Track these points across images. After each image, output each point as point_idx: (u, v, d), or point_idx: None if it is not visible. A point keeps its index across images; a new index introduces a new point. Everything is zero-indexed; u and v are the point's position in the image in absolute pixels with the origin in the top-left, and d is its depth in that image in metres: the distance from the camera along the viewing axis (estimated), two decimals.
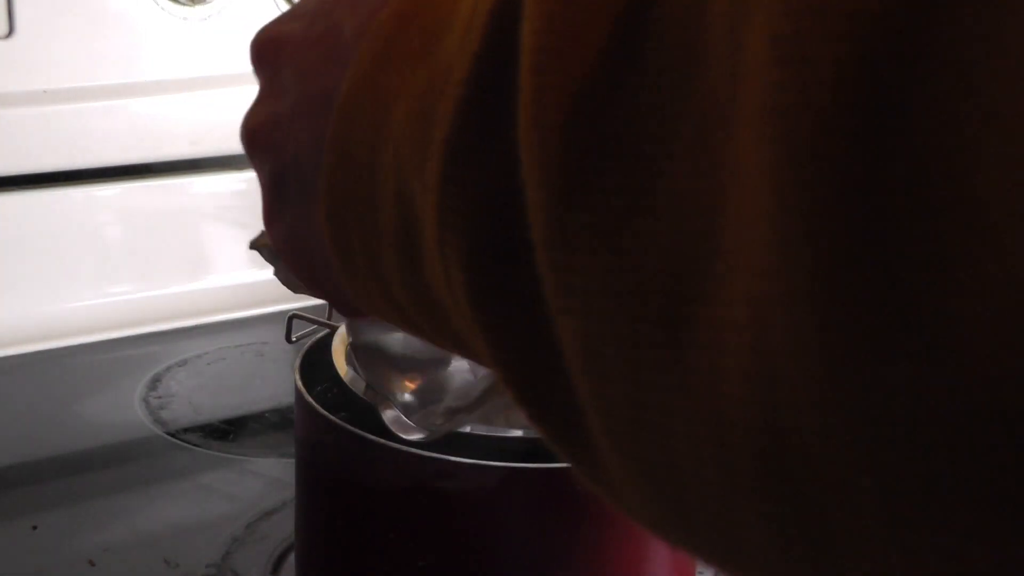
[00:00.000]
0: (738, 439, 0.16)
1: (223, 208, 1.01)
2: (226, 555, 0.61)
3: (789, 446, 0.15)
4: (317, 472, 0.51)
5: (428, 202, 0.21)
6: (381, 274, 0.25)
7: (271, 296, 0.98)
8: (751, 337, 0.15)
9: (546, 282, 0.18)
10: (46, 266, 0.92)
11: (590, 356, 0.18)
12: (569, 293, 0.18)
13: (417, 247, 0.23)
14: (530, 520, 0.46)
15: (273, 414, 0.80)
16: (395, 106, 0.23)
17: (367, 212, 0.25)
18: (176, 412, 0.79)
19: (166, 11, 0.93)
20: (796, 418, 0.15)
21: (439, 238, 0.21)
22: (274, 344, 0.91)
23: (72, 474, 0.72)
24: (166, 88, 0.95)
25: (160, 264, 0.98)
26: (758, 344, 0.15)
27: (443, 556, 0.46)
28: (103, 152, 0.94)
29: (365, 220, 0.25)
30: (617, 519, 0.47)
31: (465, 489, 0.45)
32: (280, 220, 0.31)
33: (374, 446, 0.45)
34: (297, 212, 0.30)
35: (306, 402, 0.48)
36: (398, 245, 0.24)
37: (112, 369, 0.87)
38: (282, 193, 0.30)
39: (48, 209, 0.92)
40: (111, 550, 0.61)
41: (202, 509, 0.67)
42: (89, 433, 0.76)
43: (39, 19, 0.87)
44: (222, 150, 1.00)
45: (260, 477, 0.71)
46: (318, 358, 0.53)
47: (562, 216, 0.18)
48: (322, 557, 0.51)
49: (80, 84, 0.91)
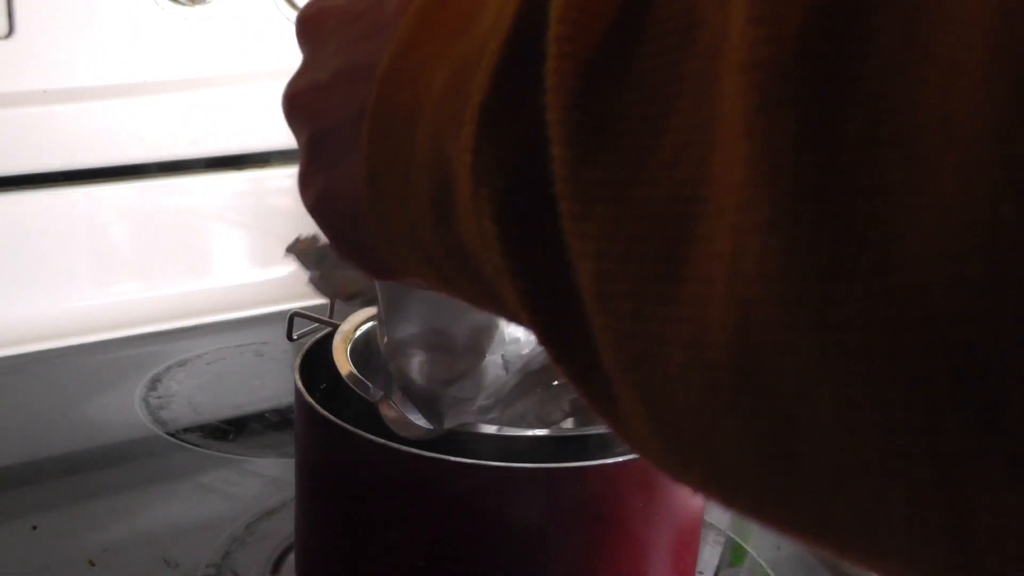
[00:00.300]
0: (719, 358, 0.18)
1: (223, 208, 1.02)
2: (226, 555, 0.61)
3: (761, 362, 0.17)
4: (317, 472, 0.51)
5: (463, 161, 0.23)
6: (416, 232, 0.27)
7: (271, 296, 0.98)
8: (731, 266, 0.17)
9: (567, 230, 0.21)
10: (46, 266, 0.92)
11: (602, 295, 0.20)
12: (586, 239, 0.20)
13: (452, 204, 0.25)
14: (530, 520, 0.46)
15: (273, 414, 0.80)
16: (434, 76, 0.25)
17: (405, 173, 0.27)
18: (176, 412, 0.79)
19: (166, 11, 0.93)
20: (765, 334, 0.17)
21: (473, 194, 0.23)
22: (274, 344, 0.91)
23: (72, 474, 0.72)
24: (166, 88, 0.95)
25: (160, 264, 0.98)
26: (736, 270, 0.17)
27: (443, 556, 0.46)
28: (103, 152, 0.94)
29: (403, 181, 0.27)
30: (617, 519, 0.47)
31: (465, 489, 0.45)
32: (315, 183, 0.33)
33: (374, 446, 0.45)
34: (333, 175, 0.32)
35: (306, 402, 0.48)
36: (434, 203, 0.26)
37: (112, 369, 0.87)
38: (319, 156, 0.32)
39: (48, 209, 0.92)
40: (111, 550, 0.61)
41: (202, 509, 0.67)
42: (89, 433, 0.76)
43: (39, 19, 0.87)
44: (222, 150, 1.00)
45: (260, 477, 0.71)
46: (318, 358, 0.53)
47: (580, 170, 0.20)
48: (322, 557, 0.51)
49: (80, 84, 0.91)
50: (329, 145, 0.32)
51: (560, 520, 0.45)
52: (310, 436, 0.50)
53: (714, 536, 0.67)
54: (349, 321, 0.54)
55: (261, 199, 1.04)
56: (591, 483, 0.45)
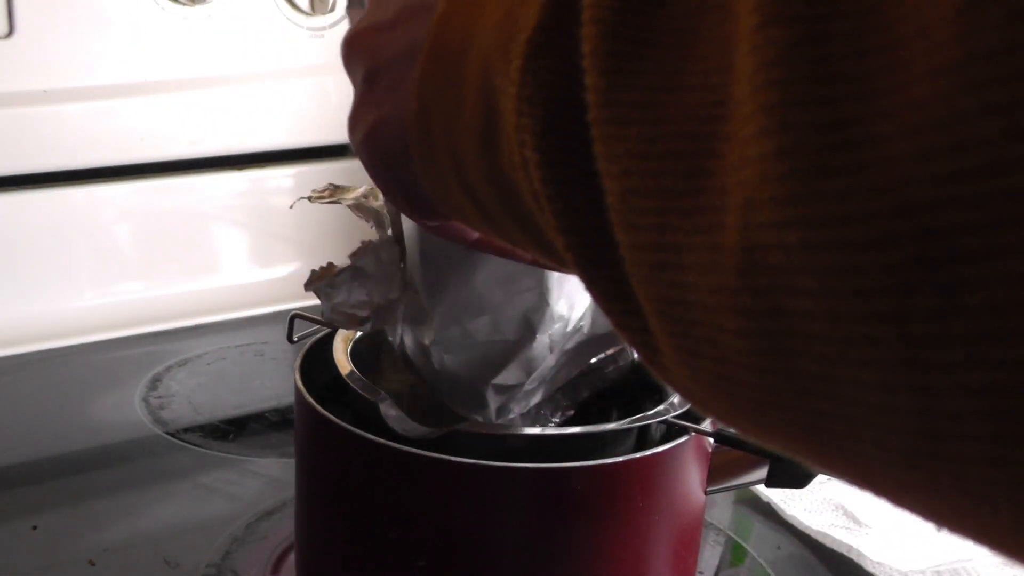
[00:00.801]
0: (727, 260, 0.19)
1: (223, 208, 1.02)
2: (226, 555, 0.61)
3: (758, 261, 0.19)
4: (317, 472, 0.51)
5: (509, 93, 0.25)
6: (461, 165, 0.29)
7: (271, 296, 0.98)
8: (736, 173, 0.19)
9: (598, 154, 0.22)
10: (46, 266, 0.92)
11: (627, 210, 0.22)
12: (614, 160, 0.22)
13: (497, 135, 0.27)
14: (530, 520, 0.46)
15: (273, 414, 0.80)
16: (485, 16, 0.28)
17: (454, 107, 0.29)
18: (176, 412, 0.79)
19: (166, 11, 0.93)
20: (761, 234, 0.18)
21: (517, 124, 0.25)
22: (274, 344, 0.91)
23: (72, 474, 0.72)
24: (166, 88, 0.95)
25: (160, 264, 0.98)
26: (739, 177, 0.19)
27: (443, 556, 0.46)
28: (103, 152, 0.94)
29: (451, 115, 0.29)
30: (617, 519, 0.47)
31: (465, 489, 0.45)
32: (365, 118, 0.35)
33: (374, 446, 0.45)
34: (383, 109, 0.34)
35: (306, 402, 0.48)
36: (480, 135, 0.28)
37: (112, 369, 0.87)
38: (372, 92, 0.35)
39: (48, 209, 0.92)
40: (111, 550, 0.61)
41: (202, 509, 0.67)
42: (89, 433, 0.76)
43: (39, 19, 0.87)
44: (222, 150, 1.00)
45: (260, 477, 0.71)
46: (318, 358, 0.53)
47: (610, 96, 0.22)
48: (322, 557, 0.51)
49: (80, 84, 0.91)
50: (383, 81, 0.34)
51: (560, 520, 0.45)
52: (310, 436, 0.50)
53: (714, 536, 0.67)
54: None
55: (261, 199, 1.04)
56: (591, 483, 0.45)
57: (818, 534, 0.68)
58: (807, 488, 0.52)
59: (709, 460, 0.51)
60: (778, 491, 0.71)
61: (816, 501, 0.71)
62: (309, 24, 0.99)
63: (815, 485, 0.62)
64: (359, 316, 0.48)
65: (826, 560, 0.66)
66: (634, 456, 0.46)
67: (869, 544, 0.67)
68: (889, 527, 0.69)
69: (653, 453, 0.46)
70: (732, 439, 0.49)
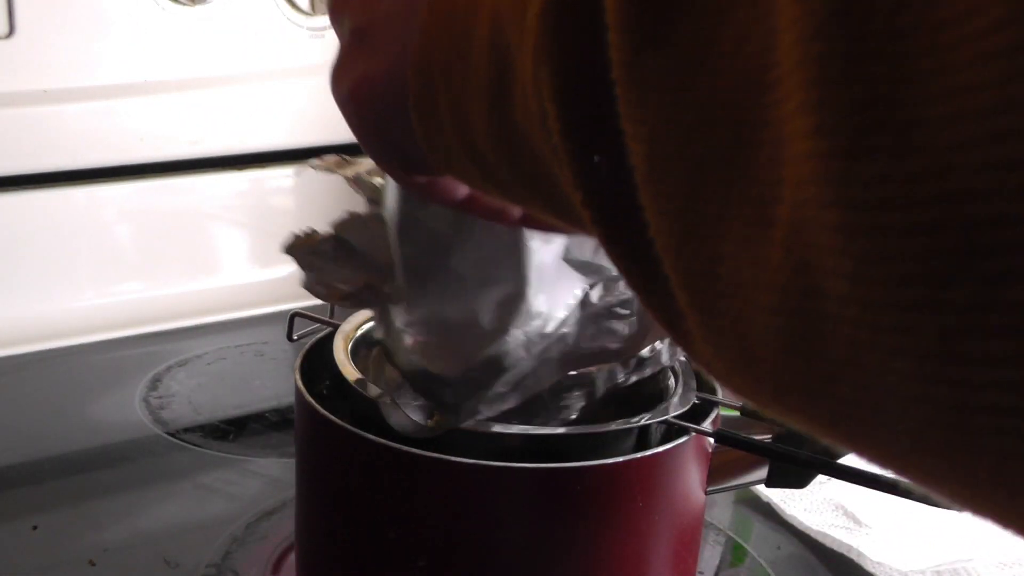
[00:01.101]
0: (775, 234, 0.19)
1: (223, 208, 1.02)
2: (226, 555, 0.61)
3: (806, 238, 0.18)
4: (317, 472, 0.51)
5: (526, 45, 0.24)
6: (465, 122, 0.28)
7: (271, 296, 0.98)
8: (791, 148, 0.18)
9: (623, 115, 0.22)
10: (46, 266, 0.92)
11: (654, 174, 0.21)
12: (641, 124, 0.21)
13: (509, 89, 0.26)
14: (530, 520, 0.46)
15: (273, 414, 0.80)
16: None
17: (458, 64, 0.28)
18: (176, 412, 0.79)
19: (166, 11, 0.93)
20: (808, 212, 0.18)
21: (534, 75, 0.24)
22: (274, 344, 0.91)
23: (72, 474, 0.72)
24: (166, 88, 0.95)
25: (160, 264, 0.98)
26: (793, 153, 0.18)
27: (443, 556, 0.46)
28: (103, 152, 0.94)
29: (455, 72, 0.28)
30: (617, 519, 0.47)
31: (465, 489, 0.45)
32: (351, 72, 0.34)
33: (374, 446, 0.45)
34: (373, 64, 0.33)
35: (306, 402, 0.48)
36: (488, 91, 0.27)
37: (112, 369, 0.87)
38: (362, 46, 0.33)
39: (48, 209, 0.92)
40: (111, 550, 0.61)
41: (202, 509, 0.67)
42: (89, 433, 0.76)
43: (39, 19, 0.87)
44: (222, 150, 1.00)
45: (260, 477, 0.71)
46: (318, 358, 0.53)
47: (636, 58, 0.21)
48: (322, 557, 0.51)
49: (80, 84, 0.91)
50: (376, 35, 0.33)
51: (560, 520, 0.45)
52: (310, 436, 0.50)
53: (714, 536, 0.67)
54: (349, 321, 0.54)
55: (261, 199, 1.04)
56: (591, 483, 0.45)
57: (818, 534, 0.68)
58: (807, 488, 0.52)
59: (709, 460, 0.51)
60: (778, 491, 0.71)
61: (816, 501, 0.71)
62: (309, 24, 0.99)
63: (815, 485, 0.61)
64: (342, 290, 0.47)
65: (826, 560, 0.66)
66: (634, 456, 0.46)
67: (869, 544, 0.67)
68: (889, 527, 0.69)
69: (653, 453, 0.46)
70: (732, 439, 0.49)
